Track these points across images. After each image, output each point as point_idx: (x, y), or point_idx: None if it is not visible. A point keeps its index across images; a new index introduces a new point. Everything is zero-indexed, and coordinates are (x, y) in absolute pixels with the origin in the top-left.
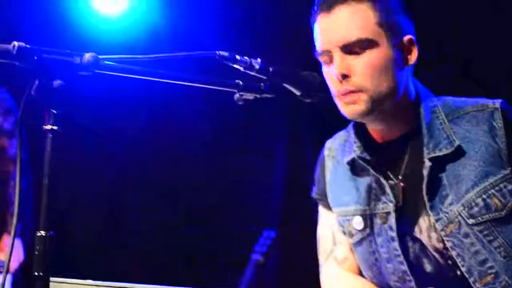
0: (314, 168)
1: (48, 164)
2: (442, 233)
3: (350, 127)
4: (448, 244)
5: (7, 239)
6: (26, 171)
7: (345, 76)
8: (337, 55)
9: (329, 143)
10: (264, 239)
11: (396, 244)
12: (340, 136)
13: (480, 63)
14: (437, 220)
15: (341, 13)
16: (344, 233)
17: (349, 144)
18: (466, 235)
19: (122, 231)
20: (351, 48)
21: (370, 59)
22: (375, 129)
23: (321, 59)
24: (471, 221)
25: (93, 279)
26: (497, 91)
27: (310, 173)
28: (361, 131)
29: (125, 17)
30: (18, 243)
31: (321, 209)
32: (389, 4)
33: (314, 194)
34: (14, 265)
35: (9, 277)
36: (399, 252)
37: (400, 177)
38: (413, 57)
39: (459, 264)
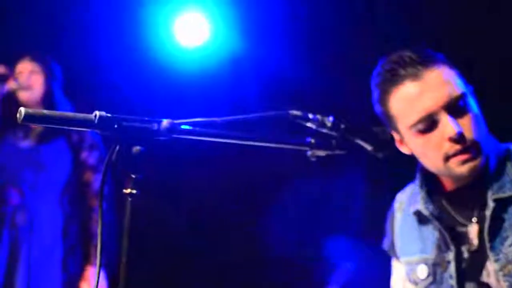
0: (385, 220)
1: (128, 228)
2: (501, 273)
3: (417, 178)
4: (505, 284)
5: (91, 270)
6: (110, 206)
7: (462, 134)
8: (444, 115)
9: (399, 196)
10: (342, 271)
11: None
12: (410, 188)
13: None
14: (496, 261)
15: (433, 75)
16: (410, 281)
17: (415, 196)
18: None
19: None
20: (455, 104)
21: (472, 112)
22: (447, 177)
23: (419, 127)
24: None
25: None
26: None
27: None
28: (428, 181)
29: (205, 47)
30: (101, 275)
31: (392, 261)
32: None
33: (384, 246)
34: None
35: None
36: None
37: (473, 220)
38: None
39: None
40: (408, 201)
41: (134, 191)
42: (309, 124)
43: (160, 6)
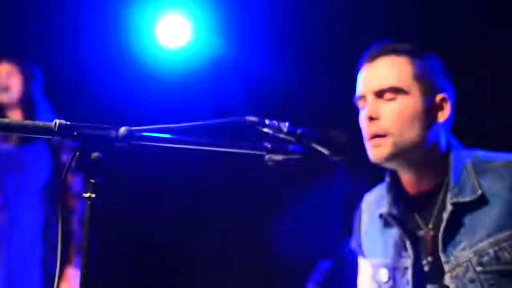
0: (353, 220)
1: (88, 230)
2: (448, 275)
3: (386, 181)
4: (452, 286)
5: (71, 270)
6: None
7: (372, 119)
8: (370, 99)
9: (367, 197)
10: (320, 270)
11: None
12: (378, 189)
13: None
14: (445, 262)
15: (381, 63)
16: (375, 282)
17: (382, 199)
18: (472, 281)
19: None
20: (383, 94)
21: (399, 106)
22: (407, 180)
23: (358, 103)
24: (479, 268)
25: None
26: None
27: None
28: (394, 184)
29: (187, 49)
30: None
31: (359, 259)
32: (427, 62)
33: (352, 245)
34: None
35: None
36: None
37: (430, 226)
38: (444, 115)
39: None
40: (375, 203)
41: (93, 195)
42: (265, 130)
43: (142, 8)
